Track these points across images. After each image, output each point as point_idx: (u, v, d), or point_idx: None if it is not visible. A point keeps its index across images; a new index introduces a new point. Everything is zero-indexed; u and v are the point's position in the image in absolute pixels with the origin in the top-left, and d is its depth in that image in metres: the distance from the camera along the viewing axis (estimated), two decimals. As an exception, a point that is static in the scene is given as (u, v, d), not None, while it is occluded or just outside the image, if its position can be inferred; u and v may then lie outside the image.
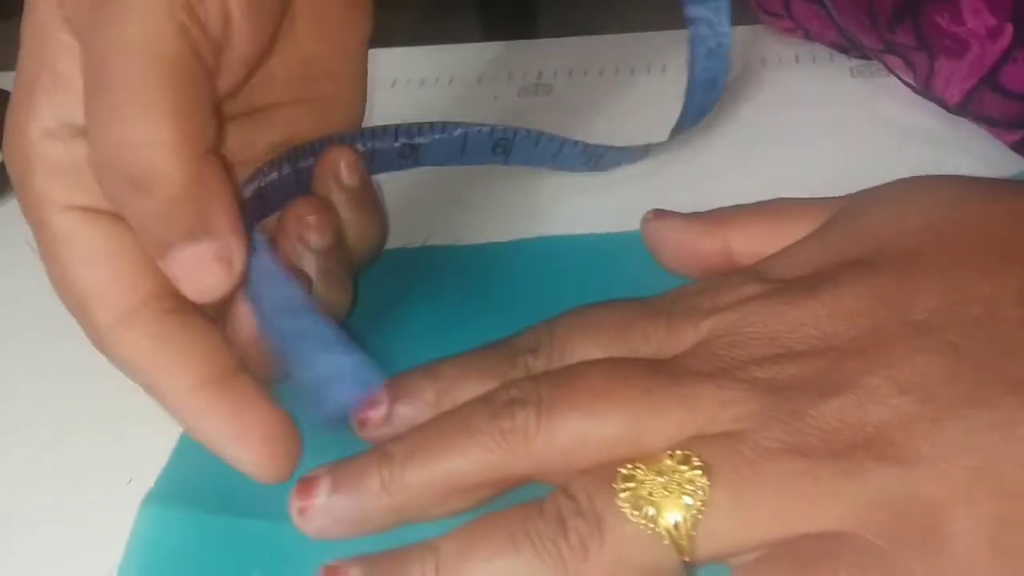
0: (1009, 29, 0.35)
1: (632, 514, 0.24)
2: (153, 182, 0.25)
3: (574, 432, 0.25)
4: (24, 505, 0.31)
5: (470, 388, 0.28)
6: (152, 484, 0.29)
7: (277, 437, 0.28)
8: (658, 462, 0.24)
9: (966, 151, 0.38)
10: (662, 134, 0.41)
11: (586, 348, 0.28)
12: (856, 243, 0.28)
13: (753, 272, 0.28)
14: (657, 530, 0.23)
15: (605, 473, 0.24)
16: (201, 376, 0.27)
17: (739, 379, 0.25)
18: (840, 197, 0.30)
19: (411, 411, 0.28)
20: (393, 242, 0.37)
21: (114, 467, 0.30)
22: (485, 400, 0.26)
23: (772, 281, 0.28)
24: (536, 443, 0.25)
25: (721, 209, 0.32)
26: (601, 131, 0.42)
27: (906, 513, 0.22)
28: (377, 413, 0.28)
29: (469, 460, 0.25)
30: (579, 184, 0.40)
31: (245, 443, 0.27)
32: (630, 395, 0.25)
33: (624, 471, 0.24)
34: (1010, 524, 0.22)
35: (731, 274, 0.29)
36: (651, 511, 0.23)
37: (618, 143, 0.41)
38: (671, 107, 0.43)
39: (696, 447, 0.24)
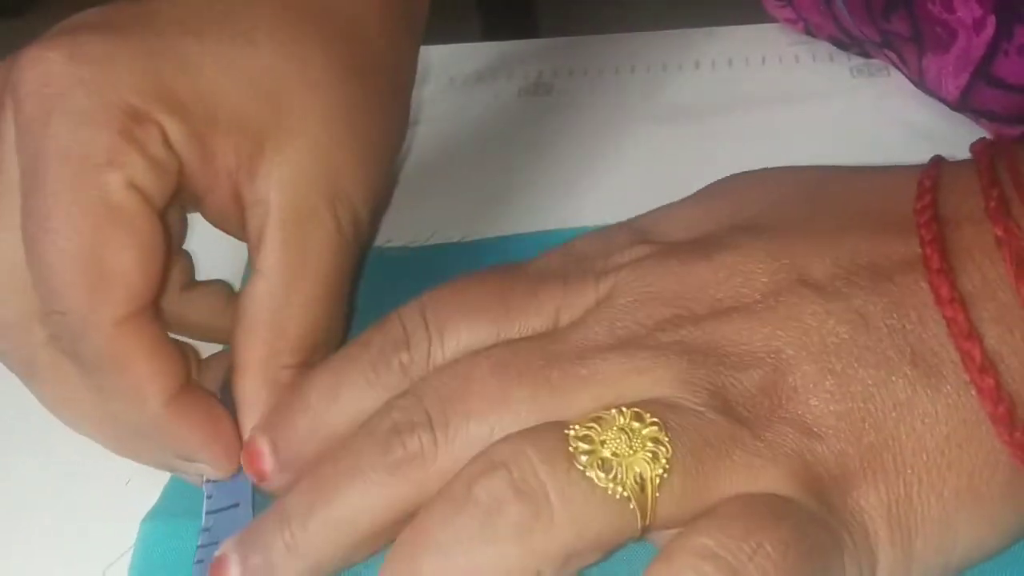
0: (992, 21, 0.35)
1: (598, 477, 0.22)
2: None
3: (476, 443, 0.23)
4: (25, 505, 0.31)
5: (347, 404, 0.26)
6: (149, 485, 0.29)
7: (233, 440, 0.27)
8: (611, 421, 0.22)
9: (966, 149, 0.38)
10: (663, 130, 0.41)
11: (468, 333, 0.26)
12: (740, 209, 0.27)
13: (634, 232, 0.28)
14: (624, 493, 0.22)
15: (549, 436, 0.22)
16: (179, 382, 0.27)
17: (646, 346, 0.24)
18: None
19: (297, 448, 0.26)
20: (397, 239, 0.37)
21: (113, 468, 0.30)
22: (369, 430, 0.24)
23: (659, 242, 0.27)
24: (436, 465, 0.23)
25: None
26: (601, 131, 0.42)
27: (825, 484, 0.23)
28: (265, 464, 0.26)
29: (370, 503, 0.24)
30: (580, 179, 0.40)
31: (214, 447, 0.27)
32: (530, 390, 0.24)
33: (574, 431, 0.22)
34: (906, 502, 0.23)
35: (612, 234, 0.28)
36: (619, 472, 0.22)
37: (617, 142, 0.41)
38: (671, 106, 0.43)
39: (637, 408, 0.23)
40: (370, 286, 0.35)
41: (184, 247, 0.31)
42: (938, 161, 0.27)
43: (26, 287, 0.27)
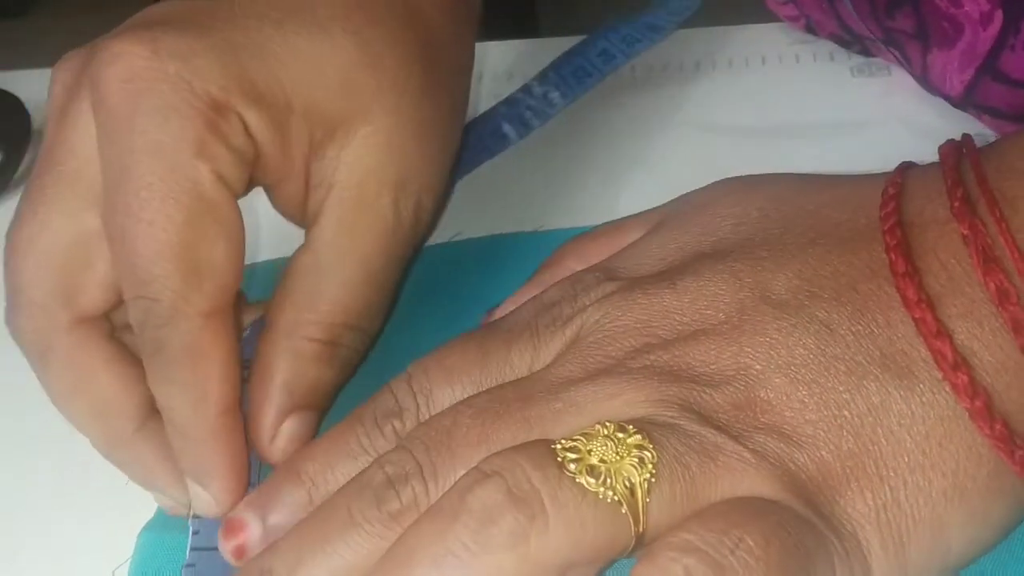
0: (999, 16, 0.35)
1: (588, 482, 0.22)
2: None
3: None
4: (26, 505, 0.31)
5: (341, 475, 0.26)
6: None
7: (245, 479, 0.27)
8: (596, 432, 0.23)
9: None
10: (664, 131, 0.41)
11: (453, 394, 0.26)
12: (701, 237, 0.28)
13: (603, 271, 0.28)
14: (615, 498, 0.22)
15: (538, 447, 0.23)
16: (231, 398, 0.27)
17: (617, 373, 0.24)
18: (667, 202, 0.30)
19: (286, 519, 0.25)
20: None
21: (114, 468, 0.30)
22: (362, 484, 0.24)
23: (625, 278, 0.27)
24: None
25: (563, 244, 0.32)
26: (600, 131, 0.42)
27: (809, 491, 0.23)
28: (250, 535, 0.26)
29: (363, 555, 0.23)
30: (578, 179, 0.40)
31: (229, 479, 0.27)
32: (511, 430, 0.24)
33: (561, 444, 0.22)
34: (895, 506, 0.23)
35: (581, 276, 0.28)
36: (608, 477, 0.22)
37: (618, 143, 0.41)
38: (672, 105, 0.43)
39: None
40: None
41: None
42: (905, 167, 0.27)
43: (59, 269, 0.27)
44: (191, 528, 0.27)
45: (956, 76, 0.37)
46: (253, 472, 0.28)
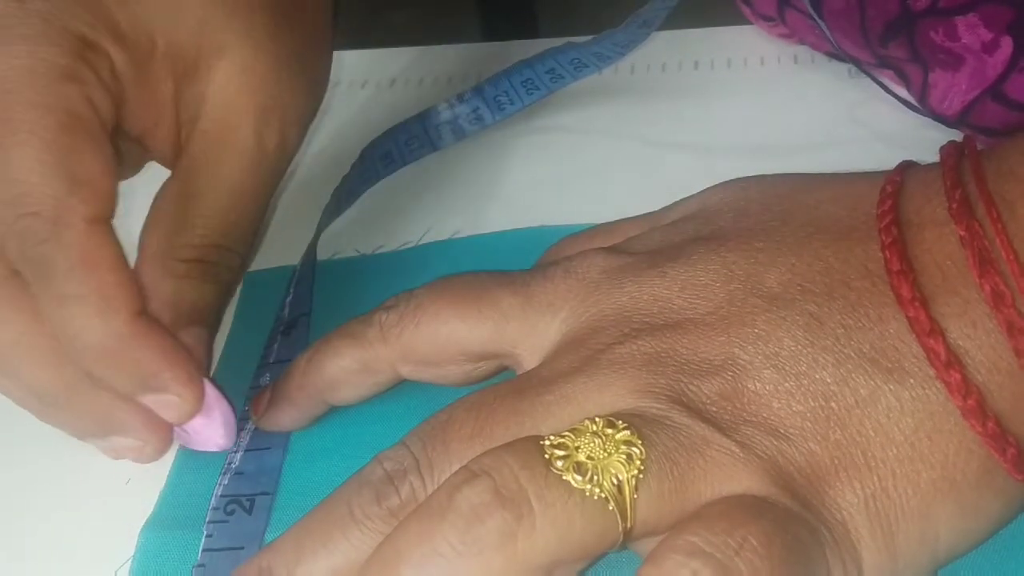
0: (1007, 42, 0.35)
1: (575, 480, 0.22)
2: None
3: None
4: (27, 503, 0.31)
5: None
6: (148, 484, 0.30)
7: (196, 373, 0.28)
8: (584, 429, 0.23)
9: (966, 150, 0.38)
10: (665, 130, 0.41)
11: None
12: (702, 226, 0.28)
13: (603, 249, 0.29)
14: (602, 495, 0.22)
15: (526, 445, 0.23)
16: (141, 303, 0.28)
17: (606, 361, 0.25)
18: (667, 205, 0.31)
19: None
20: (392, 242, 0.38)
21: (114, 467, 0.30)
22: (362, 481, 0.24)
23: (622, 253, 0.28)
24: None
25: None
26: (599, 130, 0.42)
27: (798, 483, 0.23)
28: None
29: (364, 551, 0.23)
30: (577, 176, 0.40)
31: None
32: (504, 424, 0.24)
33: (549, 441, 0.23)
34: (883, 495, 0.23)
35: (579, 255, 0.28)
36: (595, 475, 0.22)
37: (620, 143, 0.41)
38: (672, 104, 0.43)
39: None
40: (362, 290, 0.35)
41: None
42: (905, 166, 0.27)
43: None
44: (204, 532, 0.28)
45: (959, 97, 0.37)
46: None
